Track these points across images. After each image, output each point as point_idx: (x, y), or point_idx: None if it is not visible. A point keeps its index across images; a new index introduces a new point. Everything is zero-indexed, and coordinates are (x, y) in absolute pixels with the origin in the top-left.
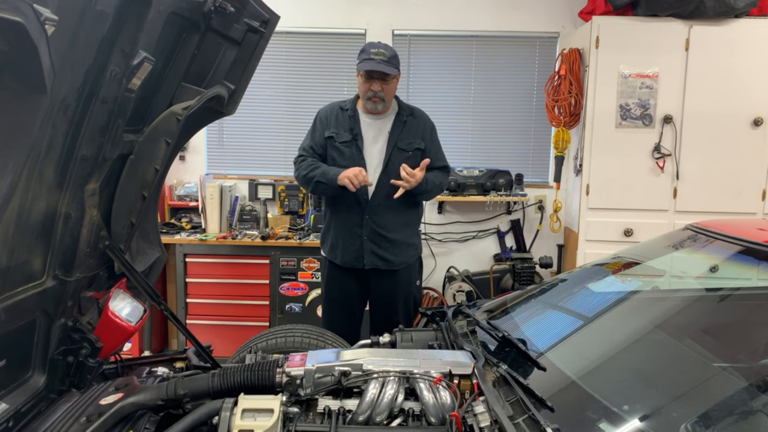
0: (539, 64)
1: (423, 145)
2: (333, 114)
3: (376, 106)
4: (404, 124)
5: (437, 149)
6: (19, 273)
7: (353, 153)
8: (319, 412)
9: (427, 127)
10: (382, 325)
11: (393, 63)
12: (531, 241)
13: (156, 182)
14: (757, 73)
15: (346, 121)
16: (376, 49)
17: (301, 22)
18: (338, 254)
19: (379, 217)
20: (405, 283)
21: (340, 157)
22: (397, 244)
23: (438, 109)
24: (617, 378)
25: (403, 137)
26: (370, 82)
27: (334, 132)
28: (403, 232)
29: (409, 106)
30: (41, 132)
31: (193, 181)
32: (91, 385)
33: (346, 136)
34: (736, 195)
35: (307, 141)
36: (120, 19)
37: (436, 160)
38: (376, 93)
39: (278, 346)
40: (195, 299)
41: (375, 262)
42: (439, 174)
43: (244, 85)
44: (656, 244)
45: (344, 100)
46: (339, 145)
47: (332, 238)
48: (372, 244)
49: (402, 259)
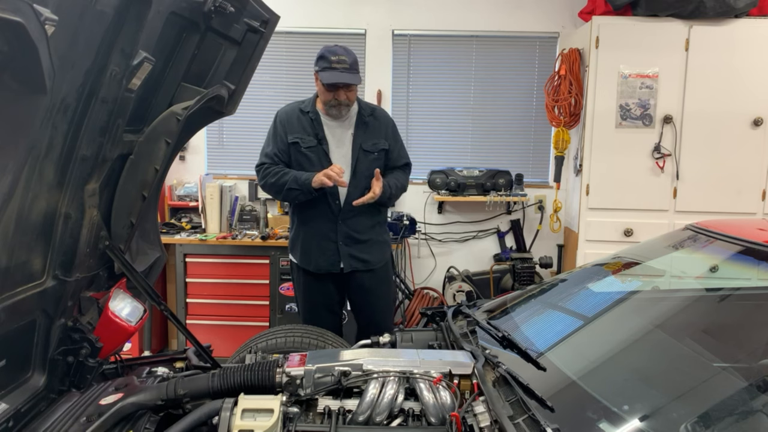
0: (539, 64)
1: (387, 145)
2: (294, 117)
3: (340, 112)
4: (366, 126)
5: (399, 147)
6: (19, 273)
7: (320, 158)
8: (319, 412)
9: (389, 126)
10: (366, 323)
11: (355, 69)
12: (531, 241)
13: (156, 182)
14: (757, 73)
15: (309, 124)
16: (337, 57)
17: (301, 22)
18: (311, 261)
19: (353, 221)
20: (383, 280)
21: (307, 163)
22: (371, 244)
23: (438, 109)
24: (617, 378)
25: (367, 139)
26: (333, 92)
27: (299, 137)
28: (374, 231)
29: (369, 105)
30: (41, 132)
31: (193, 181)
32: (91, 385)
33: (311, 141)
34: (736, 195)
35: (269, 147)
36: (120, 19)
37: (399, 158)
38: (341, 102)
39: (278, 346)
40: (195, 299)
41: (353, 264)
42: (401, 174)
43: (244, 85)
44: (656, 244)
45: (303, 101)
46: (305, 150)
47: (303, 244)
48: (347, 248)
49: (378, 257)
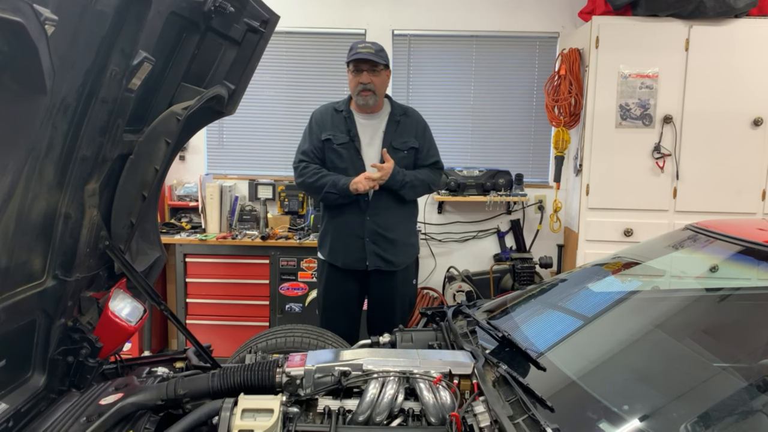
0: (539, 64)
1: (417, 144)
2: (328, 115)
3: (367, 100)
4: (398, 124)
5: (429, 146)
6: (19, 273)
7: (351, 155)
8: (319, 412)
9: (420, 126)
10: (379, 325)
11: (380, 55)
12: (531, 241)
13: (156, 182)
14: (757, 73)
15: (342, 122)
16: (363, 44)
17: (301, 22)
18: (339, 257)
19: (380, 218)
20: (403, 283)
21: (338, 160)
22: (397, 245)
23: (438, 109)
24: (617, 378)
25: (397, 137)
26: (359, 75)
27: (331, 134)
28: (401, 231)
29: (402, 106)
30: (41, 132)
31: (193, 181)
32: (91, 385)
33: (343, 138)
34: (736, 195)
35: (305, 144)
36: (120, 19)
37: (428, 157)
38: (366, 85)
39: (278, 346)
40: (195, 299)
41: (377, 263)
42: (428, 171)
43: (244, 85)
44: (656, 244)
45: (338, 102)
46: (337, 147)
47: (332, 240)
48: (374, 246)
49: (402, 259)
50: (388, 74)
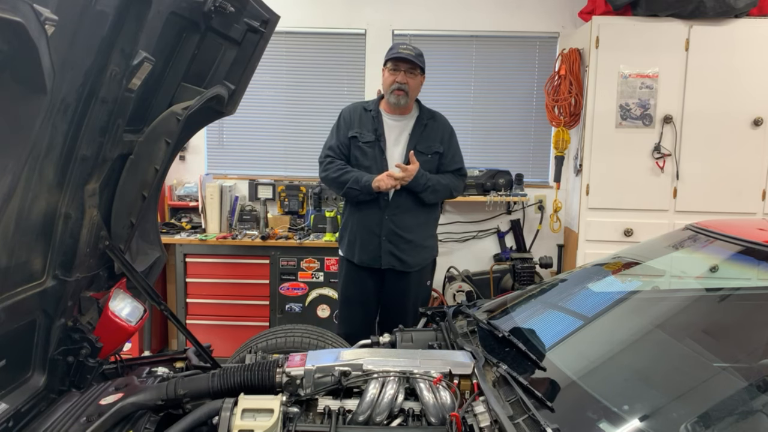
0: (539, 64)
1: (442, 149)
2: (356, 114)
3: (399, 99)
4: (425, 128)
5: (454, 153)
6: (19, 273)
7: (376, 153)
8: (319, 412)
9: (446, 131)
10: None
11: (419, 59)
12: (531, 241)
13: (156, 182)
14: (757, 73)
15: (370, 121)
16: (405, 45)
17: (301, 22)
18: (356, 253)
19: (398, 218)
20: (416, 285)
21: (363, 157)
22: (414, 246)
23: (438, 109)
24: (617, 378)
25: (422, 140)
26: (395, 74)
27: (358, 132)
28: (419, 233)
29: (431, 111)
30: (41, 132)
31: (193, 181)
32: (91, 385)
33: (370, 137)
34: (736, 195)
35: (332, 140)
36: (120, 19)
37: (452, 163)
38: (401, 85)
39: (278, 346)
40: (195, 299)
41: (392, 262)
42: (451, 176)
43: (244, 85)
44: (656, 244)
45: (368, 101)
46: (362, 145)
47: (350, 235)
48: (390, 245)
49: (417, 261)
50: (422, 80)
